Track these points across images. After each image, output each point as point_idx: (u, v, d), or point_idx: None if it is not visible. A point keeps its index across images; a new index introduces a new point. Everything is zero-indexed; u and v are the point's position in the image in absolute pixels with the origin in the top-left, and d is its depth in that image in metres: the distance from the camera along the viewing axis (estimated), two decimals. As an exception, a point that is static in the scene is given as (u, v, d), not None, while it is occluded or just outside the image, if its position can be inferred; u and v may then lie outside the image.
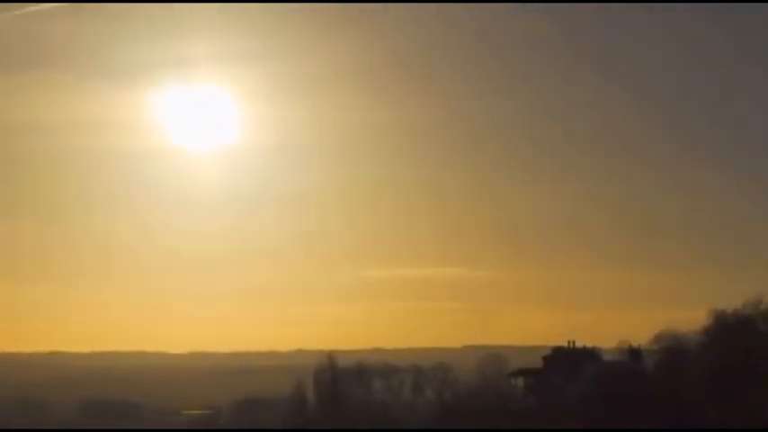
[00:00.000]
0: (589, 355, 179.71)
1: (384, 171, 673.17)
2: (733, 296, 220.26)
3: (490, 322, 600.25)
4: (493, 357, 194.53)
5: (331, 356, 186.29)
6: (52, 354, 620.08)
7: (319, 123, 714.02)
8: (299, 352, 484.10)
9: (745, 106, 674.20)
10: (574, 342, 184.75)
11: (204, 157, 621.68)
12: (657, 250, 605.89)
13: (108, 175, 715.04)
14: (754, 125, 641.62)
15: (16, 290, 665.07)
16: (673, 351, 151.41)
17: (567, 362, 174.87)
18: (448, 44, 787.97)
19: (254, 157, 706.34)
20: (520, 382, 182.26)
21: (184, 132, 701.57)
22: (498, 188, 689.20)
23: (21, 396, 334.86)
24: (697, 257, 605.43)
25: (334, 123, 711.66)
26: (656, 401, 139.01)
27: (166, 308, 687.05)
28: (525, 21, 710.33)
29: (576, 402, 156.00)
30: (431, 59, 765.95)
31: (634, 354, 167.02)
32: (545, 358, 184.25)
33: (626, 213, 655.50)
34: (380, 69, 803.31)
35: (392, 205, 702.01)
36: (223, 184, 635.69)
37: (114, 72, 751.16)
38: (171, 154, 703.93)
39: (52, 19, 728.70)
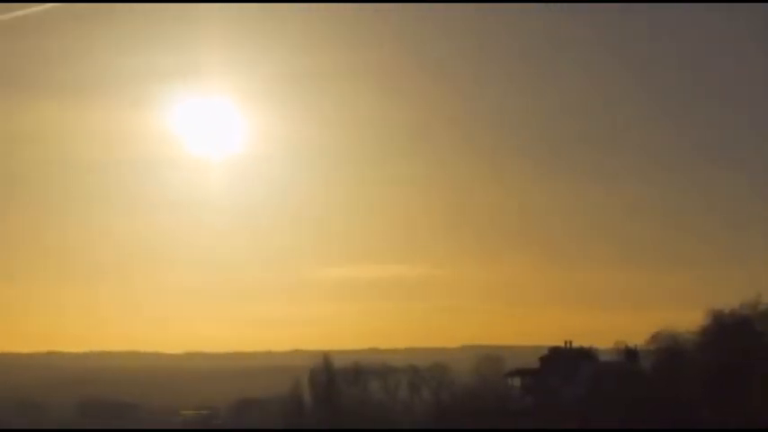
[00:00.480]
0: (586, 355, 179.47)
1: (391, 171, 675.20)
2: (730, 296, 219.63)
3: (487, 322, 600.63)
4: (490, 358, 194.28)
5: (327, 357, 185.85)
6: (50, 354, 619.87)
7: (326, 124, 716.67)
8: (296, 352, 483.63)
9: (755, 105, 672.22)
10: (571, 342, 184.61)
11: (209, 163, 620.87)
12: (655, 250, 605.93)
13: (108, 180, 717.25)
14: (758, 124, 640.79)
15: (14, 290, 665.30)
16: (670, 351, 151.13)
17: (564, 362, 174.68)
18: (461, 44, 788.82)
19: (260, 162, 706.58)
20: (517, 382, 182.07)
21: (191, 141, 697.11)
22: (497, 189, 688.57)
23: (18, 396, 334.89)
24: (694, 257, 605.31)
25: (342, 123, 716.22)
26: (653, 402, 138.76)
27: (163, 308, 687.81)
28: (540, 19, 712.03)
29: (572, 403, 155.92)
30: (440, 62, 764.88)
31: (631, 354, 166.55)
32: (542, 359, 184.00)
33: (624, 214, 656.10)
34: (389, 71, 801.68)
35: (394, 206, 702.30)
36: (220, 188, 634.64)
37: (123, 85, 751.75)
38: (176, 160, 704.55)
39: (54, 26, 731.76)
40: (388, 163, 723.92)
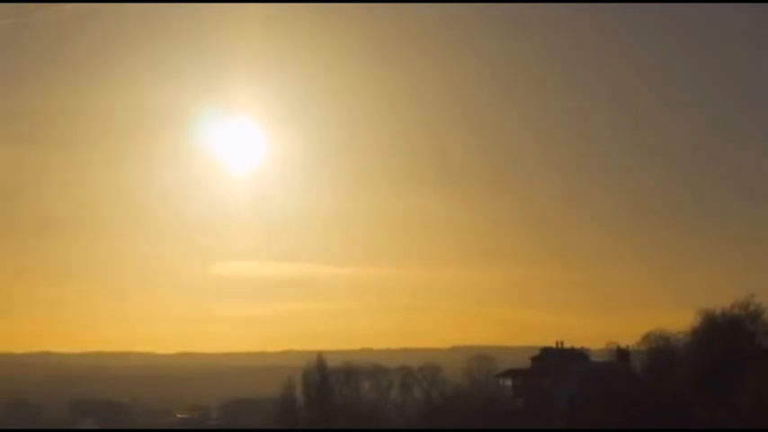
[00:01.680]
0: (577, 355, 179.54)
1: (397, 170, 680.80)
2: (722, 297, 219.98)
3: (479, 323, 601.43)
4: (481, 358, 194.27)
5: (320, 357, 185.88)
6: (44, 354, 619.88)
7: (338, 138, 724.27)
8: (288, 352, 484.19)
9: (753, 107, 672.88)
10: (562, 343, 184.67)
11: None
12: (647, 251, 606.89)
13: (109, 186, 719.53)
14: (755, 126, 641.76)
15: (8, 291, 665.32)
16: (661, 352, 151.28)
17: (556, 363, 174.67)
18: (454, 45, 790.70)
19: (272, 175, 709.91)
20: (508, 382, 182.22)
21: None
22: (491, 191, 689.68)
23: (12, 396, 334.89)
24: (686, 258, 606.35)
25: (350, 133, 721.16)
26: (645, 402, 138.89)
27: (156, 309, 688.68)
28: (537, 16, 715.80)
29: (564, 403, 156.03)
30: (445, 69, 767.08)
31: (622, 354, 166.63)
32: (533, 359, 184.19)
33: (616, 215, 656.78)
34: (395, 79, 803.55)
35: (393, 209, 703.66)
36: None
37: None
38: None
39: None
40: (388, 169, 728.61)
